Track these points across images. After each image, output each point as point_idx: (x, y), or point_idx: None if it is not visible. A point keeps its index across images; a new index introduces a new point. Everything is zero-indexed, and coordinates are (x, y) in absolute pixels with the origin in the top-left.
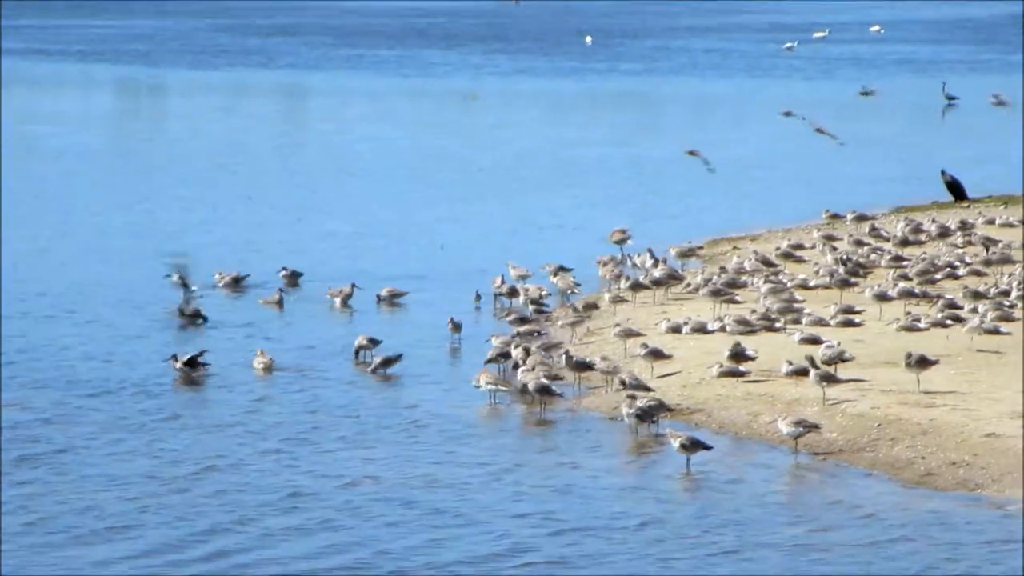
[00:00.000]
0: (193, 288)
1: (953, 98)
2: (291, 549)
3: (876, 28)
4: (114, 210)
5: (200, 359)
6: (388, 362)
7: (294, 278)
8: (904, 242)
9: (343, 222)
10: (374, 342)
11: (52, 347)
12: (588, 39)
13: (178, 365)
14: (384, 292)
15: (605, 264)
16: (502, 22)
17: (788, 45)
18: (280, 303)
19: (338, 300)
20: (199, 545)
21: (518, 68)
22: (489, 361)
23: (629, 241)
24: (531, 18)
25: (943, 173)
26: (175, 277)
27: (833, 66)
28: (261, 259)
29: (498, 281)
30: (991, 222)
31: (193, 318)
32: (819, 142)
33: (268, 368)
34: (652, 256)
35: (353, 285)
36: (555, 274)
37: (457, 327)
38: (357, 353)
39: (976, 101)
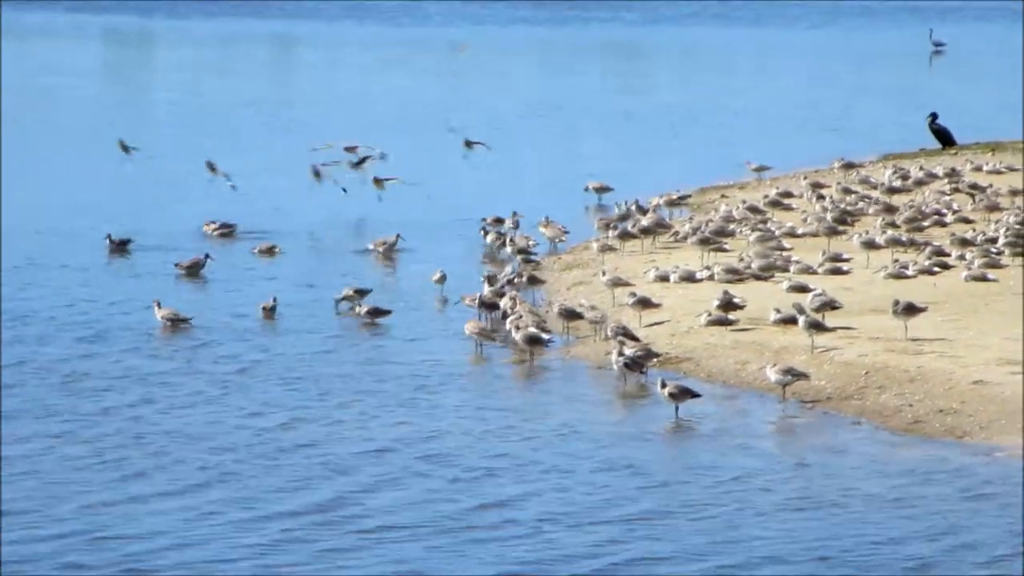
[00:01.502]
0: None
1: (941, 44)
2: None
3: None
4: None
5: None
6: (377, 312)
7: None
8: (892, 190)
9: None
10: (361, 292)
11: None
12: None
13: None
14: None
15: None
16: None
17: None
18: (271, 251)
19: (381, 250)
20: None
21: (515, 17)
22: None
23: (610, 191)
24: None
25: (933, 119)
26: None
27: (834, 14)
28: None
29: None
30: (978, 169)
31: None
32: (817, 91)
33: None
34: (638, 206)
35: (399, 236)
36: (546, 224)
37: (443, 279)
38: (339, 303)
39: (968, 47)
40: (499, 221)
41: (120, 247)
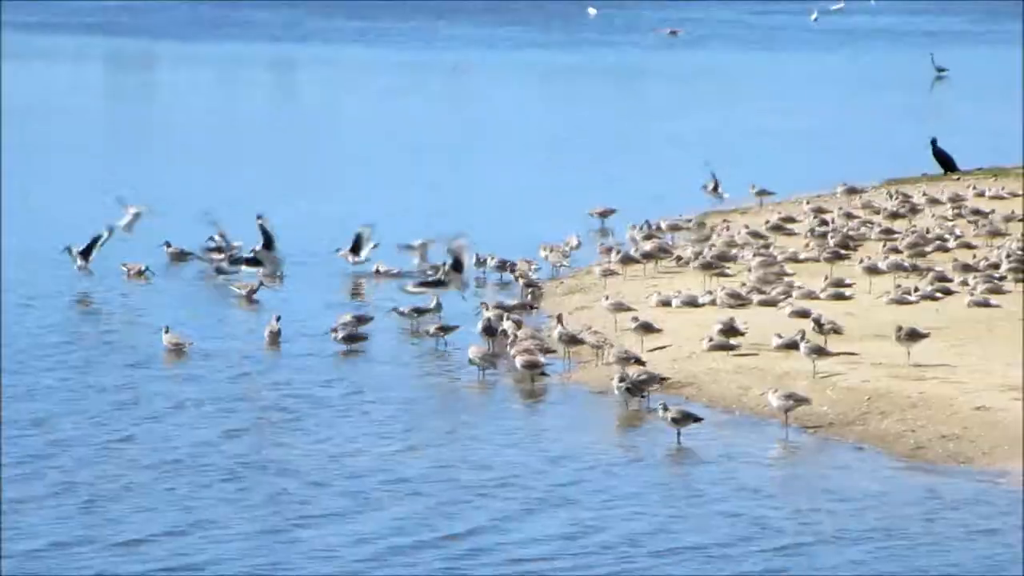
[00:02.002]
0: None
1: (943, 69)
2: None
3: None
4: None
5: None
6: (353, 338)
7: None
8: (894, 215)
9: (328, 197)
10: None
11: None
12: (592, 11)
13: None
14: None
15: (551, 251)
16: None
17: (814, 16)
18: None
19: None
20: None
21: (519, 41)
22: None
23: (613, 214)
24: None
25: (934, 143)
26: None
27: (845, 38)
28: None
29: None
30: (981, 194)
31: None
32: (817, 116)
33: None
34: (648, 226)
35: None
36: (549, 250)
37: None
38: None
39: (969, 72)
40: (503, 267)
41: (181, 257)
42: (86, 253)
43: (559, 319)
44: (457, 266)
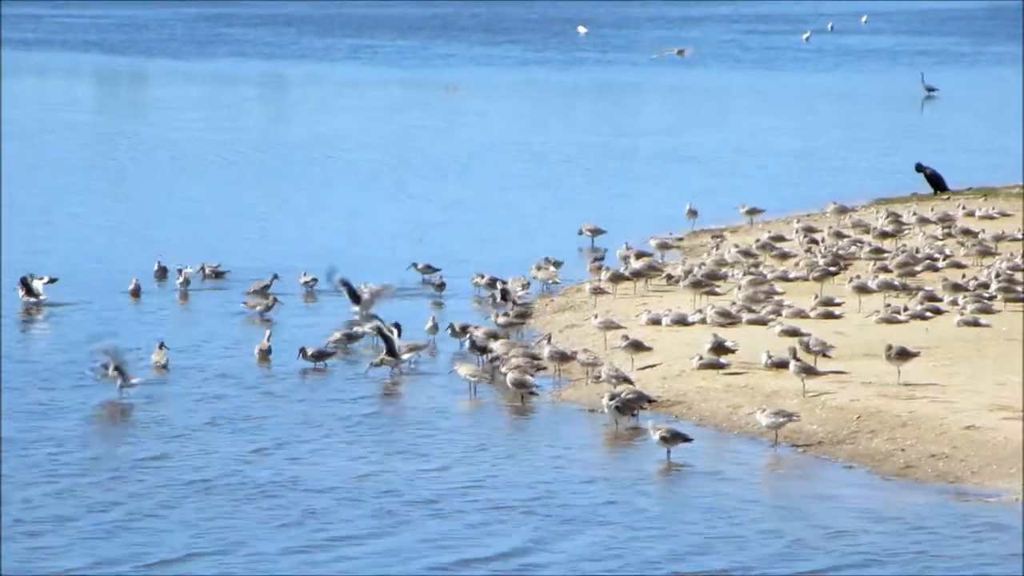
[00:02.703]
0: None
1: (933, 89)
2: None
3: (864, 18)
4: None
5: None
6: (321, 355)
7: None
8: (884, 234)
9: (314, 216)
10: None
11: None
12: (581, 29)
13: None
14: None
15: (540, 269)
16: (503, 12)
17: (806, 35)
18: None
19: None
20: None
21: (513, 59)
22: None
23: (602, 234)
24: (531, 8)
25: (920, 168)
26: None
27: (838, 58)
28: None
29: (478, 278)
30: (971, 214)
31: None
32: (808, 136)
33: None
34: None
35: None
36: (538, 268)
37: (435, 328)
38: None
39: (960, 92)
40: (493, 284)
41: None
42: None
43: (548, 339)
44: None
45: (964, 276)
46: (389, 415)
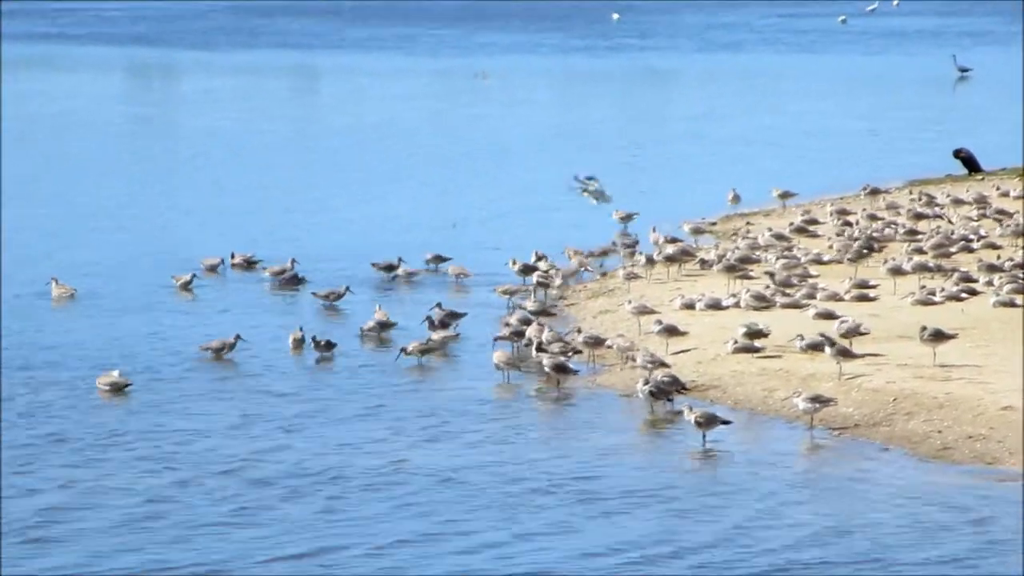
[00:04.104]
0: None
1: (966, 69)
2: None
3: (871, 7)
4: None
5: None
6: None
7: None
8: (918, 216)
9: (346, 204)
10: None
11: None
12: (615, 16)
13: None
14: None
15: (576, 254)
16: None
17: (842, 18)
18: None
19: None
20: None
21: (550, 47)
22: (501, 339)
23: (635, 218)
24: None
25: (957, 153)
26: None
27: (874, 39)
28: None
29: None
30: (1006, 195)
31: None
32: (842, 117)
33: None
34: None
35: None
36: (573, 255)
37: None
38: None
39: (993, 72)
40: (527, 270)
41: (249, 265)
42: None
43: (578, 331)
44: None
45: (999, 257)
46: (423, 401)
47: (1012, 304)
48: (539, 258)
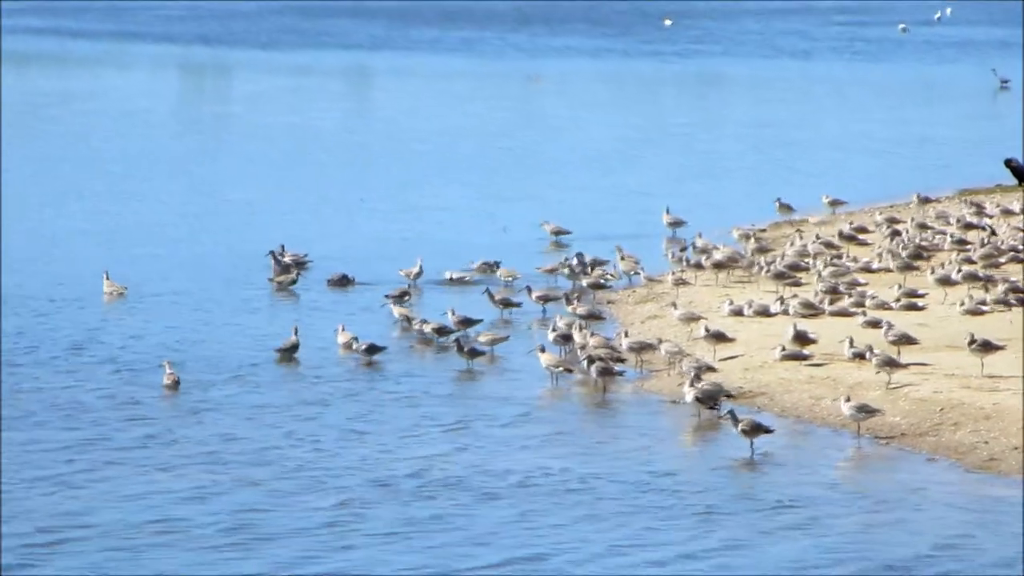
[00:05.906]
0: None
1: (1006, 81)
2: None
3: (938, 15)
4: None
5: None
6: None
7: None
8: (968, 226)
9: (394, 206)
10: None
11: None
12: (667, 21)
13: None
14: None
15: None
16: (591, 4)
17: (902, 27)
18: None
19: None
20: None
21: (595, 49)
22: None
23: (683, 224)
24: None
25: (1008, 163)
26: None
27: (931, 49)
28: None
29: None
30: None
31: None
32: (892, 126)
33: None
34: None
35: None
36: (622, 257)
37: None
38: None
39: None
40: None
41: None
42: None
43: (625, 334)
44: None
45: None
46: (465, 405)
47: None
48: (593, 263)
